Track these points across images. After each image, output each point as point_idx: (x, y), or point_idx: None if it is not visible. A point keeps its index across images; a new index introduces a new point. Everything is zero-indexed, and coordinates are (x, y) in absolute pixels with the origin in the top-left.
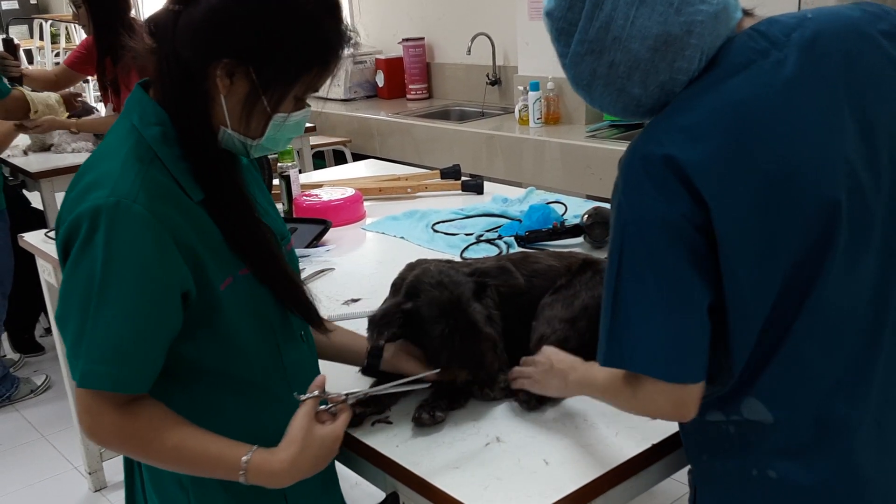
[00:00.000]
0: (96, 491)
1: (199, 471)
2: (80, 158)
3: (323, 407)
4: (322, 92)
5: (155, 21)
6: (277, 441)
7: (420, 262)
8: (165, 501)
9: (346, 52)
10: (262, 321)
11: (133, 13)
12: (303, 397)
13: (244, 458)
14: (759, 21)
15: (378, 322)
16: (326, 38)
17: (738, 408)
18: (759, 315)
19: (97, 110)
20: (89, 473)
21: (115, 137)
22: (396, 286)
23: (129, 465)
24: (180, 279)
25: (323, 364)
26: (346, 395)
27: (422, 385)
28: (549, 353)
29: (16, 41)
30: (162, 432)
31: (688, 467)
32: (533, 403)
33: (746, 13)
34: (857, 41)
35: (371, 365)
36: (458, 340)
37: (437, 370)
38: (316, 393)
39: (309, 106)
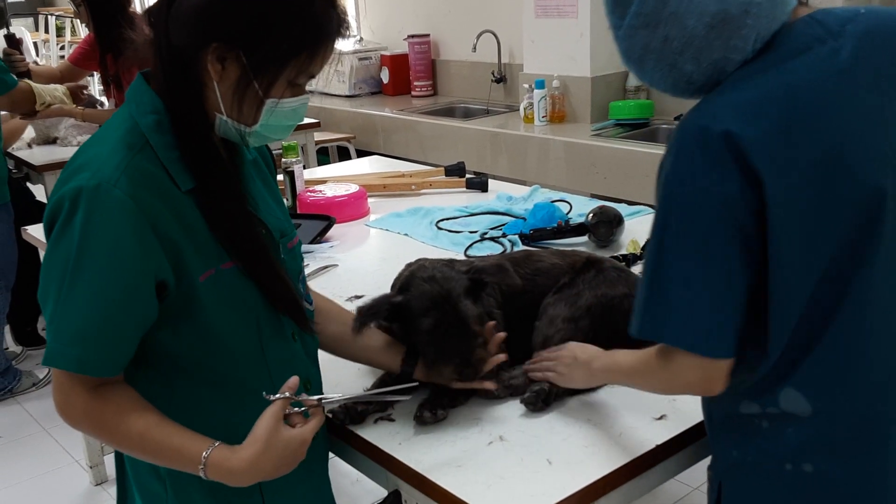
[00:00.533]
0: (97, 485)
1: (162, 461)
2: None
3: (297, 409)
4: (325, 86)
5: (150, 11)
6: None
7: (419, 261)
8: (144, 492)
9: (342, 35)
10: (245, 317)
11: (134, 7)
12: (272, 397)
13: (204, 454)
14: (814, 10)
15: (365, 312)
16: (317, 19)
17: (776, 398)
18: (800, 296)
19: (103, 103)
20: (90, 467)
21: (112, 125)
22: (395, 285)
23: (120, 457)
24: (156, 267)
25: (324, 365)
26: (321, 399)
27: (404, 397)
28: (572, 346)
29: (18, 36)
30: (128, 419)
31: (690, 468)
32: (539, 405)
33: (801, 2)
34: None
35: (405, 372)
36: (444, 335)
37: (417, 383)
38: (287, 394)
39: (307, 93)
